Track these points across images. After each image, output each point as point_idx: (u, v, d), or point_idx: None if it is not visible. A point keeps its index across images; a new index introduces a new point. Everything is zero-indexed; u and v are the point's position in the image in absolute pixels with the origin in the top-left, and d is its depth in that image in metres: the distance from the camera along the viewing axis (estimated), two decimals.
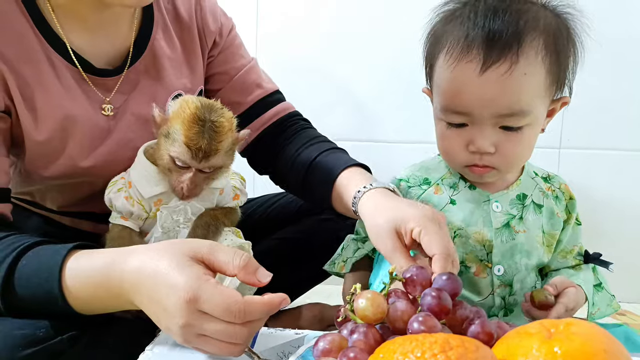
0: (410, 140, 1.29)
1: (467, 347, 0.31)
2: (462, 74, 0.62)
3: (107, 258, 0.54)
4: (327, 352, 0.42)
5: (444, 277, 0.48)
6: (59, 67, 0.69)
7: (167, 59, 0.77)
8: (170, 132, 0.65)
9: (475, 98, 0.61)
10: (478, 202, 0.70)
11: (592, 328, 0.38)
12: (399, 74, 1.27)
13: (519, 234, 0.69)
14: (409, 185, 0.73)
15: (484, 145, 0.63)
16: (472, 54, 0.60)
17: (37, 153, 0.69)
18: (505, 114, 0.62)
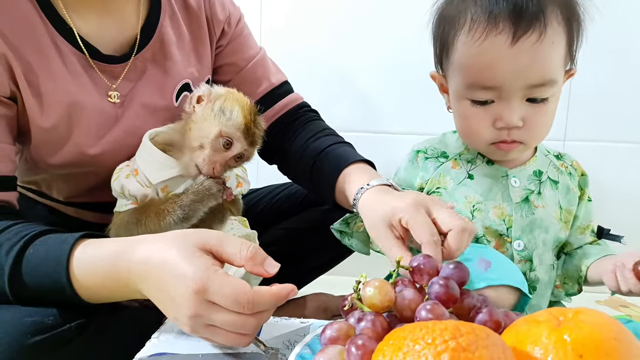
0: (414, 132, 1.29)
1: (477, 334, 0.31)
2: (492, 47, 0.61)
3: (115, 247, 0.53)
4: (335, 340, 0.42)
5: (451, 265, 0.48)
6: (66, 53, 0.68)
7: (175, 47, 0.77)
8: (226, 111, 0.67)
9: (508, 70, 0.61)
10: (496, 177, 0.70)
11: (601, 316, 0.38)
12: (403, 66, 1.26)
13: (538, 209, 0.69)
14: (427, 156, 0.73)
15: (512, 119, 0.63)
16: (499, 27, 0.60)
17: (43, 140, 0.69)
18: (536, 84, 0.62)
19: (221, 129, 0.66)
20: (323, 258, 0.99)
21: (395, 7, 1.26)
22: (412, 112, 1.29)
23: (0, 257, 0.55)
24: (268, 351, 0.56)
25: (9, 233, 0.57)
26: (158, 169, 0.69)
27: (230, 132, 0.67)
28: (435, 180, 0.72)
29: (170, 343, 0.58)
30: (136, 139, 0.72)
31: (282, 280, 0.94)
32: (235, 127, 0.67)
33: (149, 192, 0.69)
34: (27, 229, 0.57)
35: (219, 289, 0.47)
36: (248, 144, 0.68)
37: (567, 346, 0.33)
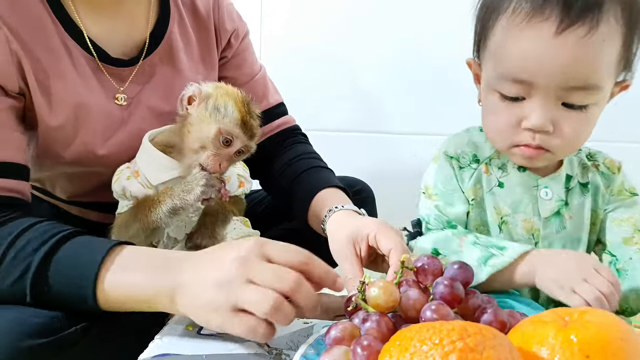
0: (416, 132, 1.28)
1: (484, 334, 0.31)
2: (533, 34, 0.54)
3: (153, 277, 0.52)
4: (340, 340, 0.42)
5: (455, 266, 0.47)
6: (75, 54, 0.69)
7: (183, 53, 0.78)
8: (220, 107, 0.67)
9: (547, 63, 0.53)
10: (527, 187, 0.63)
11: (607, 317, 0.38)
12: (406, 66, 1.26)
13: (569, 222, 0.63)
14: (460, 166, 0.66)
15: (541, 121, 0.55)
16: (546, 13, 0.53)
17: (52, 137, 0.69)
18: (575, 87, 0.54)
19: (219, 127, 0.66)
20: (324, 258, 0.99)
21: (396, 7, 1.26)
22: (414, 112, 1.28)
23: (26, 254, 0.53)
24: (272, 352, 0.56)
25: (35, 231, 0.55)
26: (158, 170, 0.69)
27: (229, 129, 0.67)
28: (470, 190, 0.65)
29: (173, 344, 0.58)
30: (141, 141, 0.72)
31: None
32: (233, 123, 0.67)
33: (151, 192, 0.69)
34: (55, 227, 0.56)
35: (278, 245, 0.48)
36: (248, 137, 0.68)
37: (573, 346, 0.33)
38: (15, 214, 0.59)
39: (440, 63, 1.24)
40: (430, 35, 1.24)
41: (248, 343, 0.57)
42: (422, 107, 1.27)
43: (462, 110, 1.27)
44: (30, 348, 0.48)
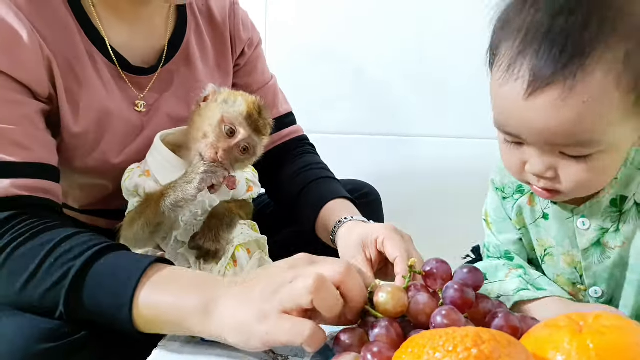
0: (421, 133, 1.27)
1: (499, 341, 0.30)
2: (508, 94, 0.49)
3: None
4: (349, 347, 0.41)
5: (464, 270, 0.47)
6: (98, 62, 0.70)
7: (200, 61, 0.80)
8: (229, 100, 0.67)
9: (524, 124, 0.49)
10: (561, 220, 0.58)
11: (623, 321, 0.37)
12: (412, 64, 1.25)
13: (614, 250, 0.56)
14: (504, 196, 0.63)
15: (538, 169, 0.51)
16: (518, 72, 0.47)
17: (72, 145, 0.69)
18: (562, 144, 0.48)
19: (223, 114, 0.66)
20: None
21: (398, 6, 1.24)
22: (418, 113, 1.27)
23: (65, 261, 0.52)
24: (277, 358, 0.55)
25: (78, 239, 0.55)
26: (167, 170, 0.69)
27: (232, 118, 0.66)
28: (515, 221, 0.63)
29: (176, 351, 0.57)
30: None
31: None
32: (238, 113, 0.67)
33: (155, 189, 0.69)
34: (95, 239, 0.55)
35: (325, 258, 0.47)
36: (252, 130, 0.67)
37: (590, 352, 0.32)
38: (57, 222, 0.58)
39: (444, 63, 1.24)
40: (433, 36, 1.23)
41: None
42: (426, 108, 1.26)
43: (466, 111, 1.27)
44: (41, 352, 0.49)
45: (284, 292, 0.44)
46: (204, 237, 0.68)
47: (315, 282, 0.42)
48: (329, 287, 0.43)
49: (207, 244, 0.68)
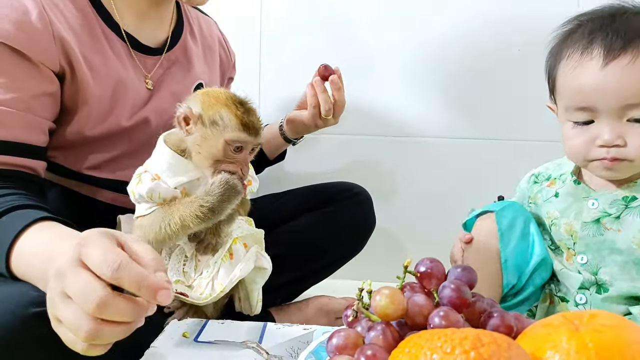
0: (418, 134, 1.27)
1: (499, 344, 0.29)
2: (584, 71, 0.65)
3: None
4: (342, 349, 0.41)
5: (458, 269, 0.46)
6: (112, 40, 0.80)
7: (194, 56, 0.93)
8: (217, 119, 0.67)
9: (600, 91, 0.64)
10: (578, 197, 0.73)
11: (618, 319, 0.36)
12: (405, 66, 1.24)
13: (609, 232, 0.69)
14: (535, 180, 0.81)
15: (611, 137, 0.64)
16: (592, 52, 0.65)
17: (92, 109, 0.76)
18: (632, 104, 0.63)
19: (224, 139, 0.66)
20: (325, 261, 0.99)
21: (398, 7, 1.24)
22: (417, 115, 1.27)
23: None
24: (271, 359, 0.54)
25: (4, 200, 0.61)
26: (175, 174, 0.69)
27: (234, 137, 0.67)
28: (532, 195, 0.79)
29: (170, 351, 0.57)
30: (162, 120, 0.84)
31: (285, 283, 0.95)
32: (235, 130, 0.66)
33: (178, 193, 0.68)
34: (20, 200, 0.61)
35: (99, 245, 0.43)
36: (254, 136, 0.69)
37: (589, 351, 0.32)
38: (8, 184, 0.65)
39: (436, 65, 1.23)
40: (427, 40, 1.23)
41: (245, 351, 0.55)
42: (425, 110, 1.25)
43: (457, 112, 1.27)
44: (29, 315, 0.52)
45: (58, 312, 0.44)
46: (207, 231, 0.69)
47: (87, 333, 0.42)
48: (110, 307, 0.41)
49: (208, 237, 0.69)
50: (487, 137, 1.25)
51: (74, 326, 0.42)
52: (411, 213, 1.29)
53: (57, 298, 0.44)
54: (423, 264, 0.46)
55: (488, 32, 1.21)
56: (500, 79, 1.22)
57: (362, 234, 1.04)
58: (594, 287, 0.70)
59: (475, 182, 1.25)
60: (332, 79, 0.93)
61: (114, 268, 0.41)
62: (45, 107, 0.71)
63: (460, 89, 1.24)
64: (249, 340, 0.57)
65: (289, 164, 1.26)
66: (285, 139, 1.02)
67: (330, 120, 0.96)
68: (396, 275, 0.46)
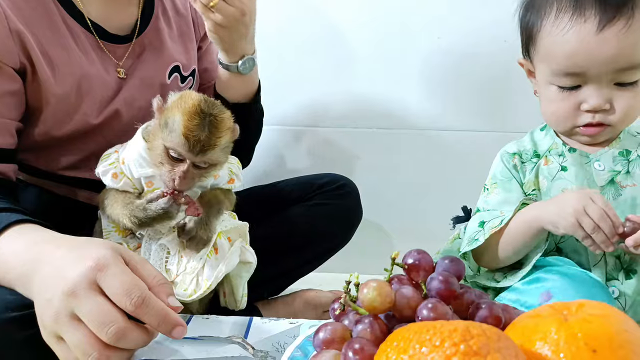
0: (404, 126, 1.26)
1: (488, 335, 0.29)
2: (577, 36, 0.62)
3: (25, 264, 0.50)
4: (329, 343, 0.40)
5: (446, 260, 0.45)
6: (76, 32, 0.75)
7: (167, 36, 0.87)
8: (169, 122, 0.64)
9: (594, 57, 0.62)
10: (580, 164, 0.70)
11: (606, 308, 0.36)
12: (394, 58, 1.23)
13: (626, 189, 0.67)
14: (522, 160, 0.74)
15: (598, 103, 0.64)
16: (585, 15, 0.62)
17: (55, 109, 0.73)
18: (624, 68, 0.62)
19: (164, 144, 0.64)
20: (312, 254, 0.99)
21: None
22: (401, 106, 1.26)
23: None
24: (257, 354, 0.53)
25: None
26: (140, 165, 0.68)
27: (174, 145, 0.64)
28: (531, 182, 0.72)
29: (153, 348, 0.55)
30: (133, 110, 0.79)
31: (271, 277, 0.94)
32: (177, 140, 0.63)
33: (121, 185, 0.69)
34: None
35: (117, 273, 0.43)
36: (195, 154, 0.63)
37: (579, 341, 0.31)
38: None
39: (427, 58, 1.23)
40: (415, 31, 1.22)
41: (231, 346, 0.54)
42: (411, 102, 1.25)
43: (446, 104, 1.27)
44: (7, 320, 0.50)
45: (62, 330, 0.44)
46: (197, 225, 0.68)
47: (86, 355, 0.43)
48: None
49: (200, 232, 0.68)
50: (473, 128, 1.25)
51: (82, 350, 0.43)
52: (398, 205, 1.29)
53: (64, 318, 0.43)
54: (411, 256, 0.45)
55: (473, 20, 1.20)
56: (486, 70, 1.22)
57: (349, 226, 1.04)
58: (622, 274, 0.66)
59: (461, 173, 1.25)
60: None
61: (137, 303, 0.43)
62: (9, 107, 0.68)
63: (446, 80, 1.24)
64: (234, 335, 0.56)
65: (275, 156, 1.24)
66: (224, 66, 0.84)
67: (228, 10, 0.74)
68: (384, 268, 0.45)
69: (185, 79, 0.90)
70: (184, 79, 0.90)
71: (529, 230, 0.66)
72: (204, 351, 0.52)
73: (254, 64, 0.84)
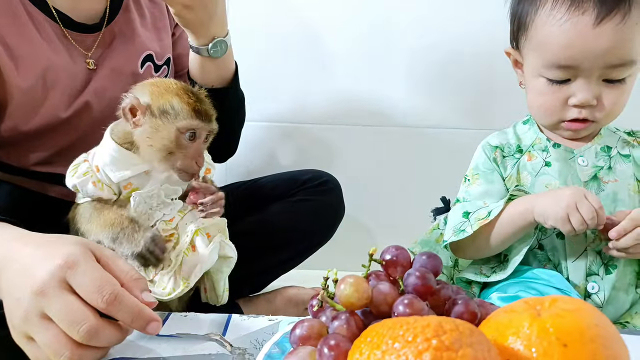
0: (386, 123, 1.27)
1: (461, 331, 0.29)
2: (574, 28, 0.62)
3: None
4: (306, 339, 0.40)
5: (423, 256, 0.45)
6: (39, 21, 0.72)
7: (139, 24, 0.84)
8: (167, 109, 0.64)
9: (589, 50, 0.62)
10: (564, 160, 0.71)
11: (579, 303, 0.37)
12: (378, 55, 1.23)
13: (608, 184, 0.69)
14: (504, 154, 0.74)
15: (587, 98, 0.64)
16: (583, 7, 0.61)
17: (21, 103, 0.71)
18: (616, 65, 0.63)
19: (176, 126, 0.64)
20: (294, 250, 0.98)
21: None
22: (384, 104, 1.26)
23: None
24: (234, 351, 0.53)
25: None
26: (118, 168, 0.66)
27: (187, 125, 0.64)
28: (513, 177, 0.73)
29: (128, 346, 0.54)
30: (104, 101, 0.77)
31: (253, 274, 0.93)
32: (188, 117, 0.64)
33: (105, 193, 0.67)
34: None
35: (88, 269, 0.42)
36: (207, 122, 0.67)
37: (550, 336, 0.32)
38: None
39: (411, 54, 1.23)
40: (404, 26, 1.22)
41: (209, 343, 0.54)
42: (394, 99, 1.25)
43: (428, 101, 1.27)
44: None
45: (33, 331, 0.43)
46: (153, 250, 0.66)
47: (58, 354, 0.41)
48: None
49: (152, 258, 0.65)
50: (457, 126, 1.26)
51: (54, 350, 0.42)
52: (382, 202, 1.30)
53: (34, 318, 0.42)
54: (389, 252, 0.45)
55: (457, 19, 1.21)
56: (469, 68, 1.23)
57: (331, 222, 1.04)
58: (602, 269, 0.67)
59: (445, 170, 1.25)
60: None
61: (109, 300, 0.42)
62: None
63: (430, 78, 1.24)
64: (212, 332, 0.55)
65: (260, 153, 1.24)
66: (194, 50, 0.80)
67: None
68: (362, 264, 0.45)
69: (160, 67, 0.88)
70: (157, 68, 0.87)
71: (522, 221, 0.66)
72: (180, 349, 0.52)
73: (227, 47, 0.79)
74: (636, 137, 0.75)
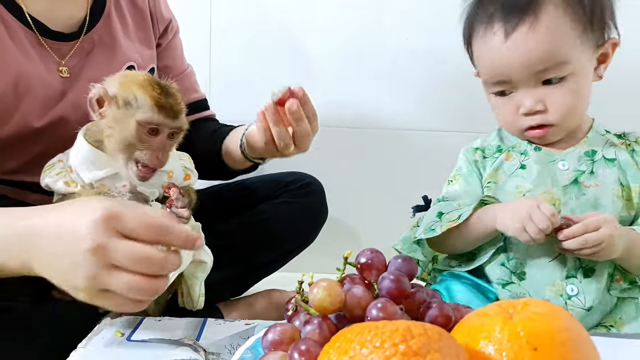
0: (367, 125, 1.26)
1: (429, 335, 0.28)
2: (491, 48, 0.67)
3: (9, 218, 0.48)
4: (278, 344, 0.39)
5: (399, 260, 0.45)
6: (13, 28, 0.71)
7: (120, 33, 0.82)
8: (131, 100, 0.63)
9: (509, 64, 0.66)
10: (545, 163, 0.71)
11: (550, 306, 0.37)
12: (364, 55, 1.23)
13: (589, 189, 0.69)
14: (484, 156, 0.76)
15: (531, 105, 0.66)
16: (493, 28, 0.66)
17: None
18: (542, 69, 0.65)
19: (136, 119, 0.63)
20: (276, 253, 0.98)
21: None
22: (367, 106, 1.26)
23: None
24: (208, 356, 0.52)
25: None
26: (90, 169, 0.65)
27: (147, 118, 0.63)
28: (489, 175, 0.74)
29: (99, 352, 0.53)
30: (81, 113, 0.72)
31: (235, 276, 0.92)
32: (149, 111, 0.63)
33: (77, 191, 0.66)
34: None
35: (131, 215, 0.43)
36: (171, 119, 0.64)
37: (521, 340, 0.32)
38: None
39: (397, 56, 1.23)
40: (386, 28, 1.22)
41: (181, 348, 0.53)
42: (378, 102, 1.25)
43: (414, 103, 1.27)
44: None
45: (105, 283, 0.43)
46: None
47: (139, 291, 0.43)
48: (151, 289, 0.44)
49: None
50: (441, 128, 1.26)
51: (135, 290, 0.43)
52: (365, 204, 1.29)
53: (102, 271, 0.43)
54: (364, 255, 0.45)
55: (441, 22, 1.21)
56: (454, 71, 1.23)
57: (314, 225, 1.03)
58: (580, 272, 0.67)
59: (428, 173, 1.25)
60: (289, 108, 0.67)
61: (162, 233, 0.44)
62: None
63: (414, 81, 1.24)
64: (185, 337, 0.54)
65: None
66: (246, 157, 0.80)
67: (293, 152, 0.75)
68: (336, 267, 0.45)
69: None
70: None
71: (485, 229, 0.69)
72: (151, 355, 0.51)
73: None
74: (626, 139, 0.74)
